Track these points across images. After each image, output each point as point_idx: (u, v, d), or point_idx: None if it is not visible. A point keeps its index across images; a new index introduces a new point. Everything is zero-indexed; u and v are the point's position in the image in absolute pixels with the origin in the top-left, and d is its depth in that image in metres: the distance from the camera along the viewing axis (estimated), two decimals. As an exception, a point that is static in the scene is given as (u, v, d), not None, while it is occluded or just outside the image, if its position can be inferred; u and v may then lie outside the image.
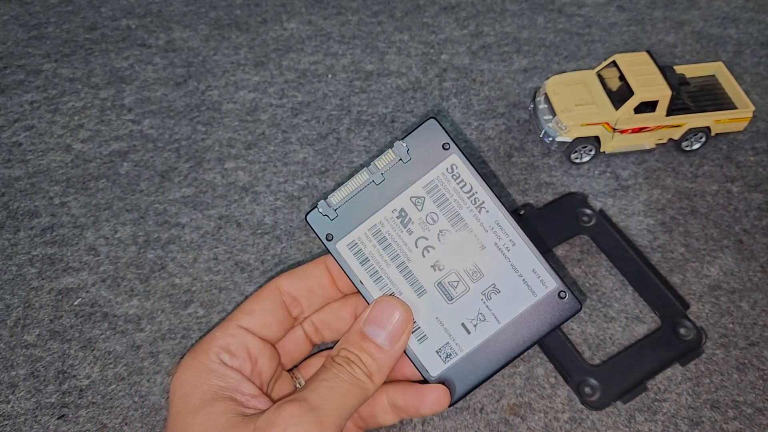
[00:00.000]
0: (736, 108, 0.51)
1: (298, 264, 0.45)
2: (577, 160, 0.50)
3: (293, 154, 0.51)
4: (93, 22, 0.62)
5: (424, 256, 0.33)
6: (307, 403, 0.29)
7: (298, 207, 0.48)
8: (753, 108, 0.50)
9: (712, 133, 0.50)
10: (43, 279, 0.44)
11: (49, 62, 0.59)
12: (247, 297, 0.42)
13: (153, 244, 0.46)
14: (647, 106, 0.48)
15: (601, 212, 0.48)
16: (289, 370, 0.37)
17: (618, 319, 0.43)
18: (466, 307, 0.33)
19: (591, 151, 0.50)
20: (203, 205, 0.48)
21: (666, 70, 0.49)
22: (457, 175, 0.34)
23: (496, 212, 0.33)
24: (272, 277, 0.37)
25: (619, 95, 0.49)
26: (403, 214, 0.34)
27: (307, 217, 0.34)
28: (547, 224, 0.47)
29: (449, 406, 0.33)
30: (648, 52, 0.50)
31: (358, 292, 0.33)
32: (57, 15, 0.63)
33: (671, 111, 0.49)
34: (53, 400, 0.40)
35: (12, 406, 0.39)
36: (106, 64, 0.58)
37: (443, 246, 0.33)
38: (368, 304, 0.33)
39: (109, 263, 0.45)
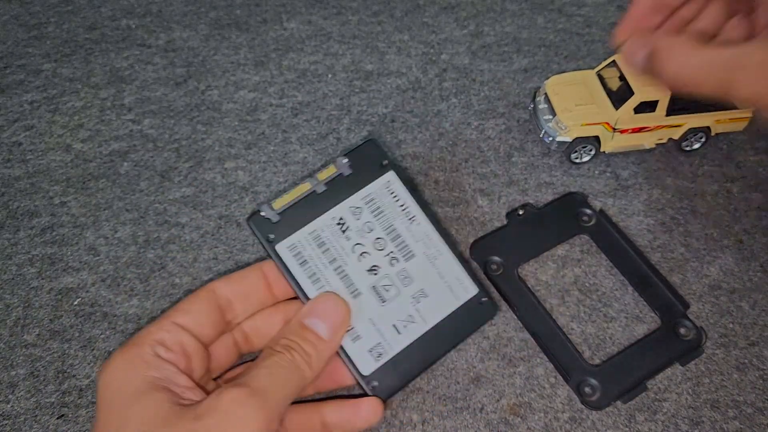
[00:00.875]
0: (736, 108, 0.51)
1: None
2: (577, 160, 0.50)
3: (293, 153, 0.52)
4: (93, 22, 0.62)
5: (360, 261, 0.36)
6: (249, 387, 0.30)
7: (298, 207, 0.48)
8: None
9: (712, 133, 0.50)
10: (42, 279, 0.44)
11: (49, 62, 0.59)
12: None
13: (153, 244, 0.46)
14: (647, 106, 0.48)
15: (601, 212, 0.48)
16: (214, 380, 0.37)
17: (618, 319, 0.43)
18: (397, 310, 0.35)
19: (591, 150, 0.50)
20: (203, 205, 0.48)
21: (666, 70, 0.49)
22: (393, 190, 0.37)
23: (426, 225, 0.37)
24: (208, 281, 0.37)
25: (619, 95, 0.49)
26: (341, 221, 0.36)
27: (249, 220, 0.35)
28: (547, 224, 0.47)
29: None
30: (648, 52, 0.50)
31: (295, 293, 0.35)
32: (57, 15, 0.63)
33: (671, 111, 0.49)
34: (53, 400, 0.40)
35: (12, 406, 0.39)
36: (106, 64, 0.58)
37: (378, 253, 0.36)
38: (305, 303, 0.34)
39: (109, 263, 0.45)
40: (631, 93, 0.48)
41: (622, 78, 0.49)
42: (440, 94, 0.56)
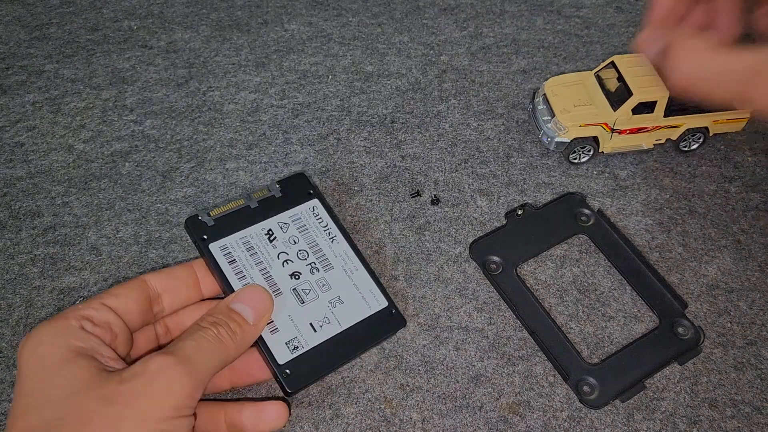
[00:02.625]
0: (733, 108, 0.51)
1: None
2: (576, 161, 0.51)
3: (294, 154, 0.52)
4: (95, 23, 0.63)
5: (283, 267, 0.40)
6: (175, 356, 0.31)
7: (298, 207, 0.49)
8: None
9: (710, 134, 0.51)
10: (45, 278, 0.45)
11: (51, 63, 0.59)
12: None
13: (155, 244, 0.46)
14: (645, 107, 0.49)
15: (600, 212, 0.48)
16: None
17: (616, 319, 0.43)
18: (314, 311, 0.39)
19: (589, 151, 0.50)
20: (205, 205, 0.49)
21: (664, 71, 0.49)
22: (317, 213, 0.43)
23: (344, 244, 0.42)
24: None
25: (618, 96, 0.49)
26: (270, 233, 0.41)
27: (187, 221, 0.40)
28: (546, 224, 0.47)
29: (292, 393, 0.36)
30: (646, 53, 0.51)
31: (221, 288, 0.39)
32: (59, 16, 0.63)
33: (669, 111, 0.49)
34: (55, 399, 0.40)
35: (14, 405, 0.40)
36: (107, 65, 0.59)
37: (301, 262, 0.40)
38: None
39: (111, 263, 0.45)
40: (630, 94, 0.48)
41: (620, 79, 0.50)
42: (440, 95, 0.56)
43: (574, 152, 0.50)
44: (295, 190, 0.43)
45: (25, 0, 0.65)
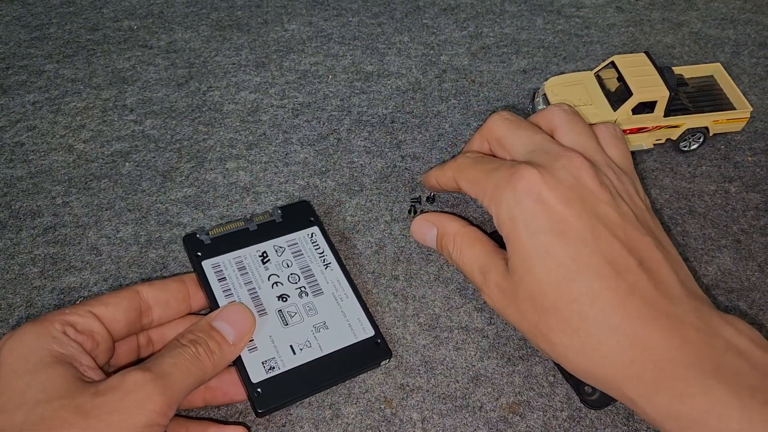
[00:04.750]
0: (734, 108, 0.51)
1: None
2: (576, 161, 0.51)
3: (294, 154, 0.52)
4: (95, 23, 0.63)
5: (272, 288, 0.40)
6: (151, 372, 0.31)
7: (298, 207, 0.49)
8: (751, 108, 0.51)
9: (710, 134, 0.51)
10: (45, 278, 0.45)
11: (51, 63, 0.59)
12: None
13: (155, 244, 0.46)
14: (645, 107, 0.49)
15: (600, 212, 0.48)
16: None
17: (616, 318, 0.43)
18: (297, 333, 0.39)
19: (590, 151, 0.50)
20: (205, 205, 0.49)
21: (664, 71, 0.49)
22: (315, 241, 0.43)
23: (338, 272, 0.42)
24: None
25: (618, 96, 0.49)
26: (264, 255, 0.42)
27: (185, 239, 0.42)
28: (546, 224, 0.47)
29: (262, 414, 0.36)
30: (646, 53, 0.51)
31: (208, 304, 0.39)
32: (59, 16, 0.63)
33: (669, 111, 0.49)
34: (55, 399, 0.40)
35: (15, 404, 0.40)
36: (108, 65, 0.59)
37: (291, 285, 0.41)
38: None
39: (111, 263, 0.45)
40: (630, 94, 0.48)
41: (620, 79, 0.50)
42: (440, 95, 0.56)
43: (574, 152, 0.50)
44: (297, 217, 0.44)
45: (25, 0, 0.65)
